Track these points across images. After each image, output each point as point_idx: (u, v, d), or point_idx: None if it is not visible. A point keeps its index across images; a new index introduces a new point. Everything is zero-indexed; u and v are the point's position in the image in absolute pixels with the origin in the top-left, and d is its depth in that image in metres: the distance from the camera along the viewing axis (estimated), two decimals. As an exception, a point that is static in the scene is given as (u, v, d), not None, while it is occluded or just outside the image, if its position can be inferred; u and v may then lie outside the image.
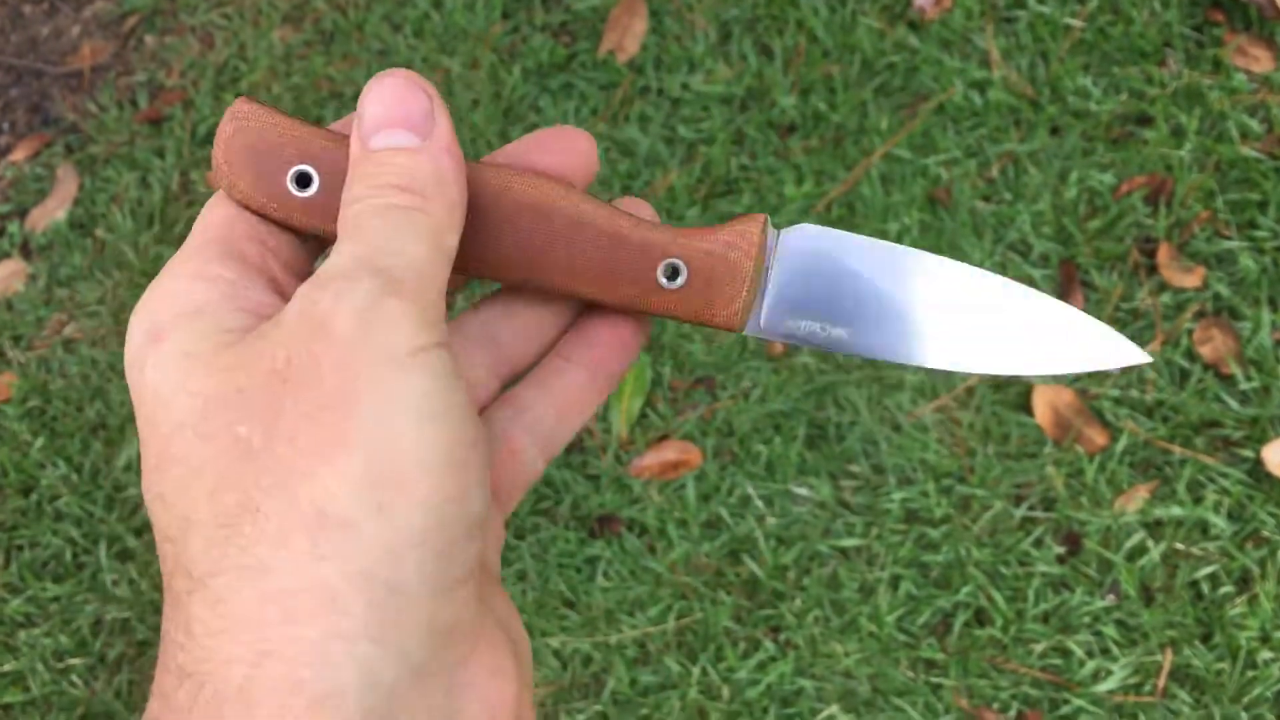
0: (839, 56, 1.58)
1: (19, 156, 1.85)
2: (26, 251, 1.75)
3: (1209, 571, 1.22)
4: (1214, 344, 1.32)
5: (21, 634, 1.43)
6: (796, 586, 1.29)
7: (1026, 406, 1.32)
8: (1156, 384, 1.31)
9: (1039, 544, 1.26)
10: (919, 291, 0.38)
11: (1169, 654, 1.20)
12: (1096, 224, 1.40)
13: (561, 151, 0.38)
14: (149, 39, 1.92)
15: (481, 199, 0.36)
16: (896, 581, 1.27)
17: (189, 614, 0.29)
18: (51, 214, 1.77)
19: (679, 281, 0.36)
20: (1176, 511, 1.25)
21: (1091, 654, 1.21)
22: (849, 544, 1.29)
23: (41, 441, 1.54)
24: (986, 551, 1.26)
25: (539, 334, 0.41)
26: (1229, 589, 1.21)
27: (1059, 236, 1.41)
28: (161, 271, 0.36)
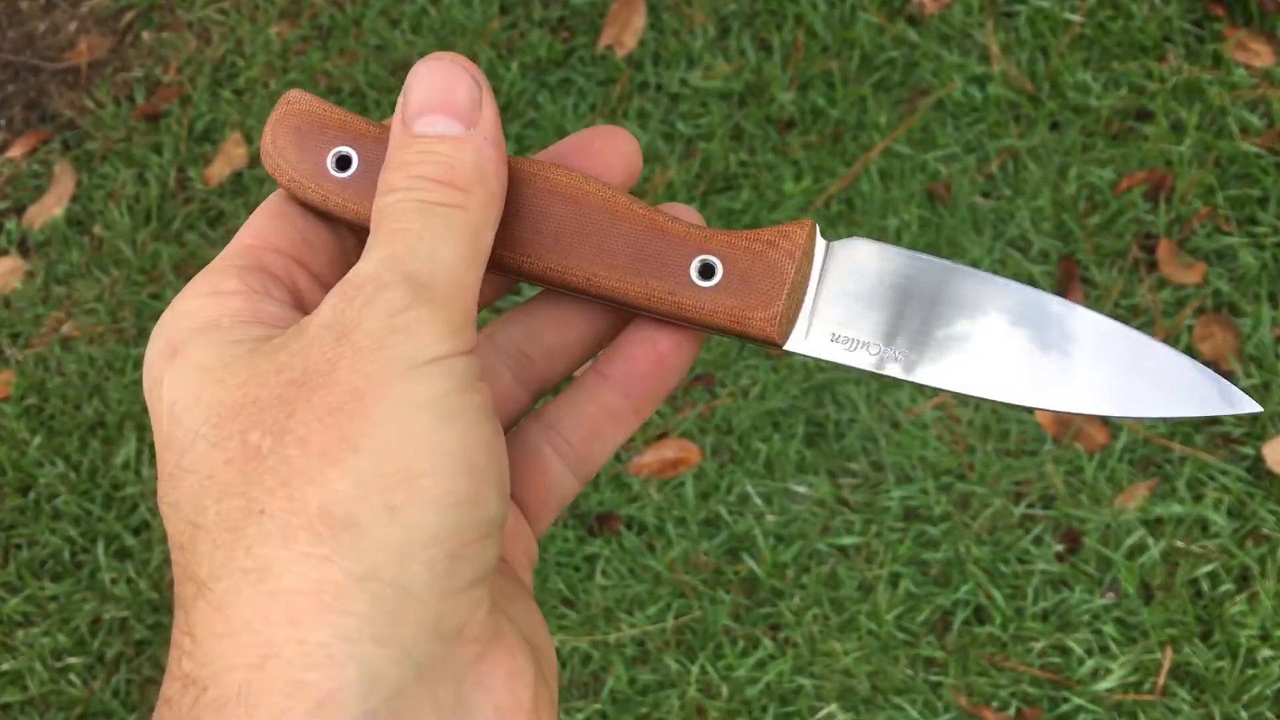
0: (838, 51, 1.57)
1: (16, 153, 1.84)
2: (24, 249, 1.75)
3: (1209, 569, 1.22)
4: (1214, 340, 1.31)
5: (20, 633, 1.43)
6: (795, 584, 1.29)
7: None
8: (1156, 381, 1.31)
9: (1038, 542, 1.26)
10: (992, 318, 0.36)
11: (1169, 652, 1.20)
12: (1096, 220, 1.39)
13: (603, 151, 0.37)
14: (146, 34, 1.91)
15: (514, 185, 0.36)
16: (896, 579, 1.27)
17: (194, 619, 0.29)
18: (49, 211, 1.76)
19: (714, 280, 0.34)
20: (1176, 509, 1.24)
21: (1091, 652, 1.21)
22: (848, 542, 1.29)
23: (39, 440, 1.54)
24: (986, 549, 1.26)
25: (571, 346, 0.40)
26: (1229, 587, 1.21)
27: (1059, 232, 1.40)
28: (180, 293, 0.36)
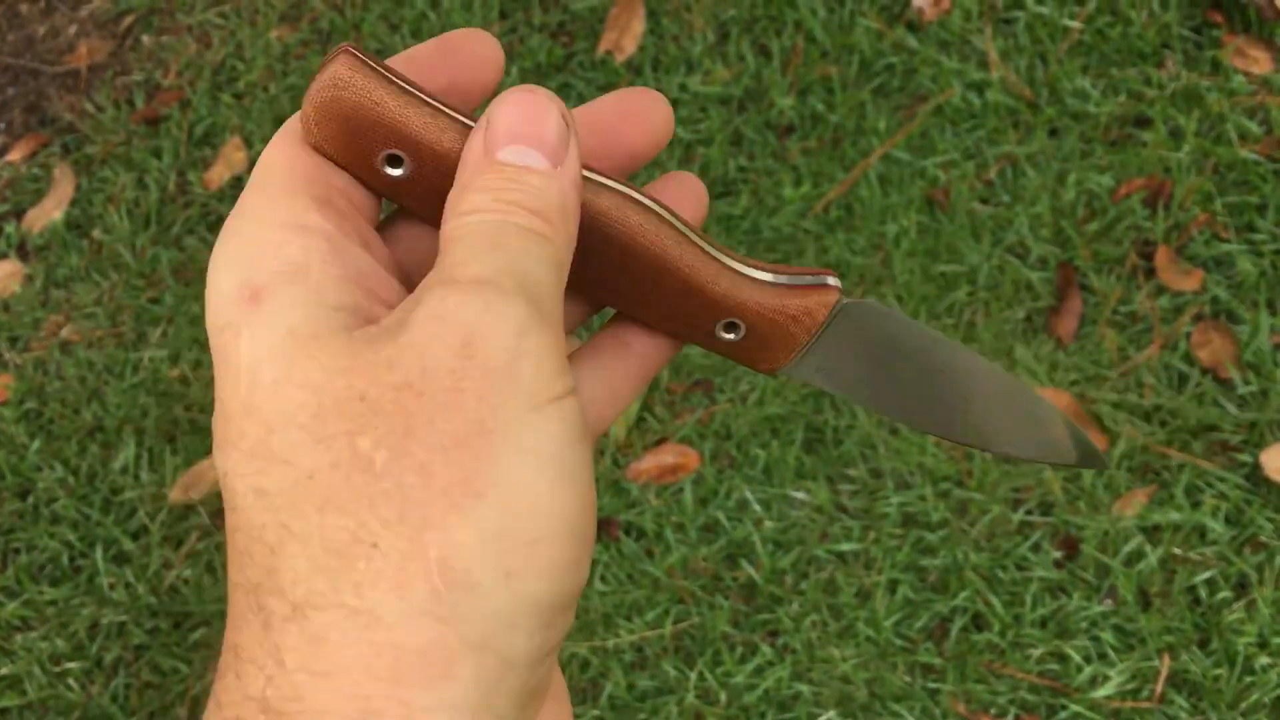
0: (837, 57, 1.58)
1: (16, 156, 1.84)
2: (23, 252, 1.75)
3: (1207, 577, 1.22)
4: (1212, 347, 1.32)
5: (18, 638, 1.43)
6: (794, 591, 1.29)
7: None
8: (1155, 388, 1.31)
9: (1037, 549, 1.26)
10: (959, 390, 0.39)
11: (1166, 659, 1.20)
12: (1095, 226, 1.39)
13: (639, 116, 0.36)
14: (146, 38, 1.91)
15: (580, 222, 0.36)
16: (894, 586, 1.27)
17: (282, 642, 0.27)
18: (48, 214, 1.76)
19: (736, 335, 0.37)
20: (1174, 516, 1.24)
21: (1089, 659, 1.21)
22: (846, 548, 1.29)
23: (38, 444, 1.54)
24: (984, 556, 1.26)
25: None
26: (1227, 594, 1.21)
27: (1057, 239, 1.40)
28: (243, 212, 0.31)
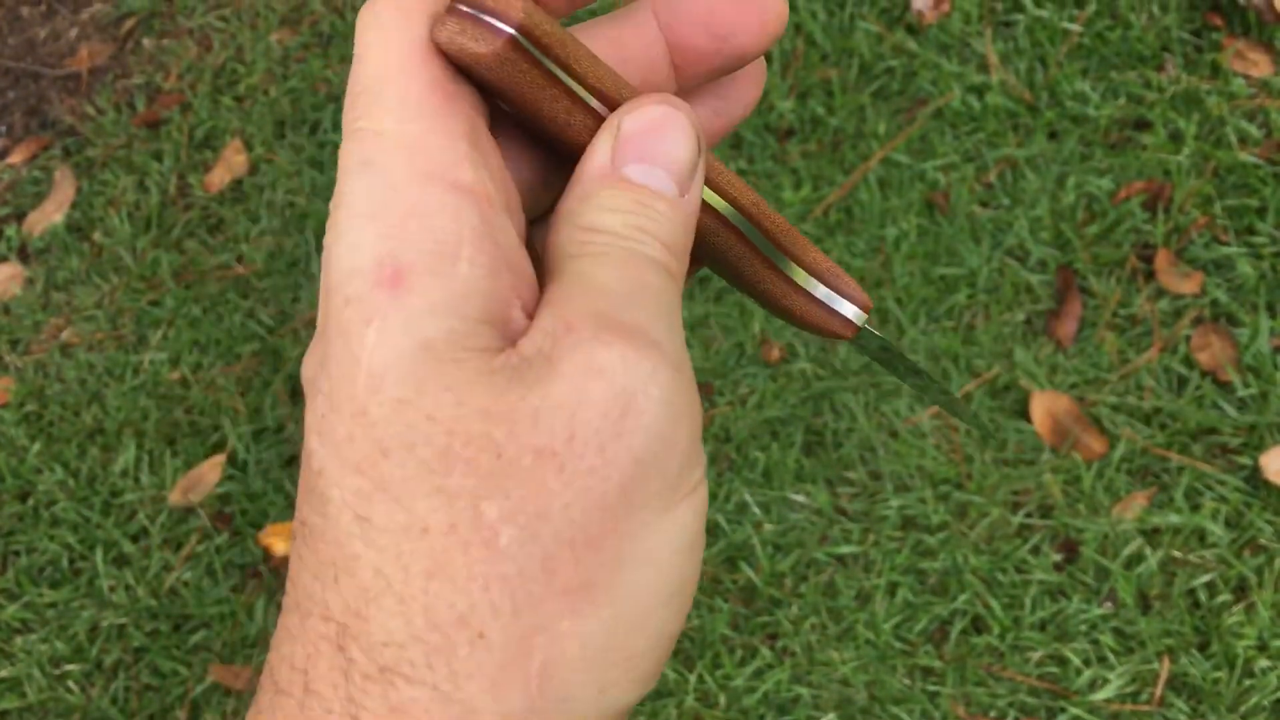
0: (837, 60, 1.58)
1: (16, 159, 1.85)
2: (24, 255, 1.75)
3: (1206, 579, 1.22)
4: (1212, 350, 1.32)
5: (18, 640, 1.43)
6: (793, 594, 1.29)
7: (1024, 413, 1.32)
8: (1154, 391, 1.31)
9: (1036, 551, 1.26)
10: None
11: (1166, 662, 1.20)
12: (1094, 229, 1.39)
13: (755, 6, 0.30)
14: (147, 41, 1.91)
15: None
16: (893, 589, 1.27)
17: (361, 700, 0.26)
18: (49, 217, 1.77)
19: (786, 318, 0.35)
20: (1174, 519, 1.24)
21: (1088, 662, 1.21)
22: (846, 551, 1.29)
23: (38, 446, 1.54)
24: (984, 559, 1.26)
25: None
26: (1226, 597, 1.21)
27: (1057, 242, 1.40)
28: (386, 135, 0.26)
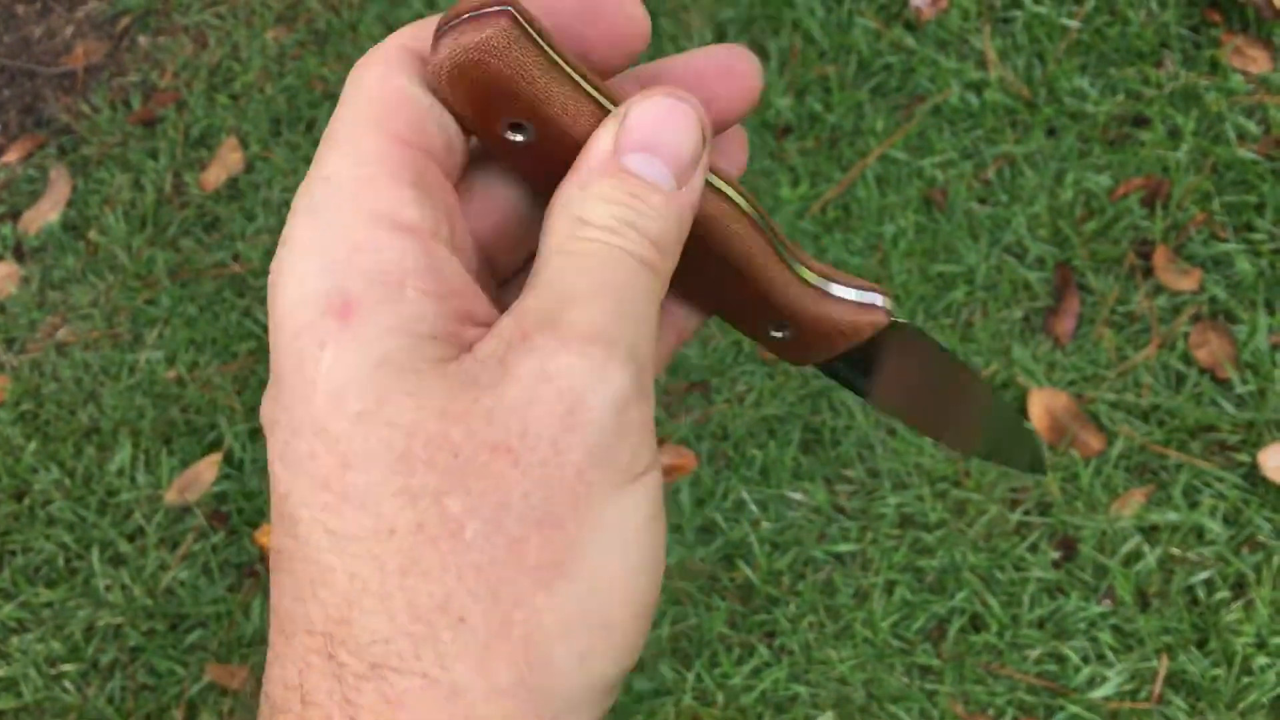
0: (835, 57, 1.57)
1: (12, 158, 1.84)
2: (19, 254, 1.75)
3: (1205, 577, 1.22)
4: (1210, 347, 1.31)
5: (14, 640, 1.42)
6: (791, 592, 1.28)
7: (1023, 410, 1.31)
8: (1152, 388, 1.31)
9: (1034, 549, 1.26)
10: (964, 410, 0.42)
11: (1164, 660, 1.19)
12: (1093, 226, 1.39)
13: (734, 74, 0.33)
14: (142, 39, 1.91)
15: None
16: (891, 587, 1.27)
17: (356, 700, 0.26)
18: (44, 216, 1.76)
19: (783, 335, 0.38)
20: (1172, 516, 1.24)
21: (1087, 660, 1.21)
22: (844, 549, 1.29)
23: (34, 446, 1.54)
24: (982, 556, 1.26)
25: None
26: (1225, 594, 1.21)
27: (1055, 239, 1.40)
28: (331, 181, 0.28)
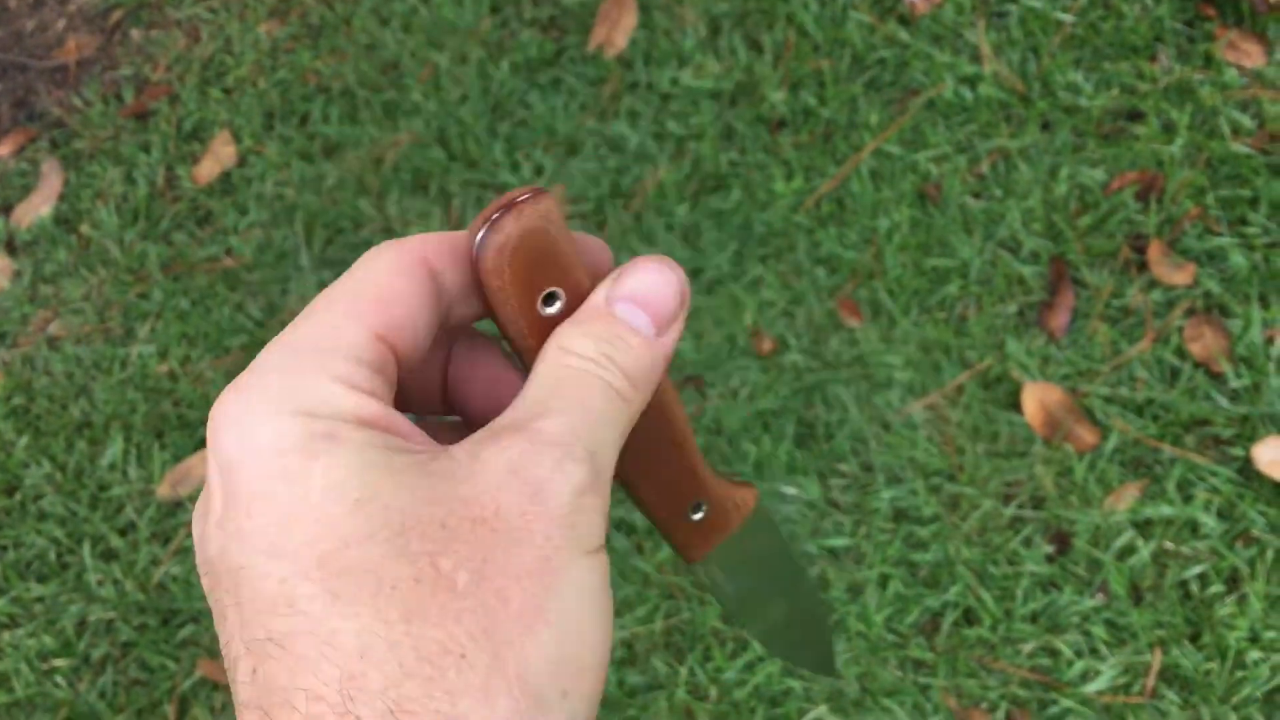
0: (829, 51, 1.57)
1: (4, 152, 1.83)
2: (11, 248, 1.74)
3: (1198, 571, 1.22)
4: (1204, 341, 1.31)
5: (5, 635, 1.42)
6: (785, 586, 1.28)
7: (1016, 405, 1.31)
8: (1147, 382, 1.30)
9: (1028, 543, 1.26)
10: (794, 608, 0.48)
11: (1158, 654, 1.19)
12: (1087, 220, 1.39)
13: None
14: (134, 33, 1.90)
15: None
16: (885, 581, 1.27)
17: None
18: (36, 210, 1.75)
19: (699, 516, 0.41)
20: (1166, 510, 1.24)
21: (1080, 654, 1.21)
22: (837, 543, 1.29)
23: (25, 440, 1.53)
24: (975, 550, 1.26)
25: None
26: (1218, 588, 1.21)
27: (1049, 233, 1.40)
28: (283, 351, 0.33)
